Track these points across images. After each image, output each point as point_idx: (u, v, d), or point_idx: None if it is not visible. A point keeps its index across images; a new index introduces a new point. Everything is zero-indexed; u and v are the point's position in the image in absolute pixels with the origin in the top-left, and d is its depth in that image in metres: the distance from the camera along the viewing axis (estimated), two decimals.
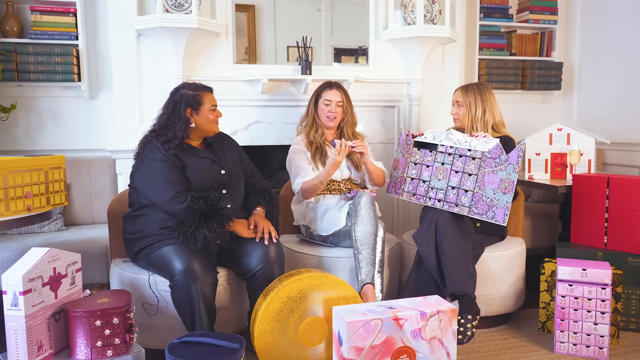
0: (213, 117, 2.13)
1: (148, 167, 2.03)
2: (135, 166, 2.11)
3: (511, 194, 2.17)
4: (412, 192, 2.48)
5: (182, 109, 2.07)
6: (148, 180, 2.03)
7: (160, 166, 2.01)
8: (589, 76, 3.75)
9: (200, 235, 1.92)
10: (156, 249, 2.00)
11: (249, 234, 2.11)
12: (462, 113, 2.56)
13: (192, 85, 2.15)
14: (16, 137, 3.05)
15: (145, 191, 2.04)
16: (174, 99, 2.11)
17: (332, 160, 2.34)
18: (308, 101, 2.65)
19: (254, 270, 2.05)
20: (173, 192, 1.97)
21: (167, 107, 2.12)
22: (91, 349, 1.66)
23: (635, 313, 2.41)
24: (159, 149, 2.03)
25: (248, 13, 3.05)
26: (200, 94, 2.11)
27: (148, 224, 2.05)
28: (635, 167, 3.34)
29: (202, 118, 2.11)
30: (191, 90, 2.11)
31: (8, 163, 1.86)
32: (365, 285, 2.20)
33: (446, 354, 1.79)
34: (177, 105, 2.09)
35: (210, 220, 1.94)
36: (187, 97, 2.09)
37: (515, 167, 2.17)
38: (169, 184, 1.99)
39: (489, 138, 2.33)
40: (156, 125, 2.13)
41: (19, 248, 2.44)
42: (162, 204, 1.99)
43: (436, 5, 3.15)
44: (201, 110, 2.10)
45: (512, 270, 2.45)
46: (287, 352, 1.92)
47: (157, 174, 2.01)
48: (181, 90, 2.12)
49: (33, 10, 2.90)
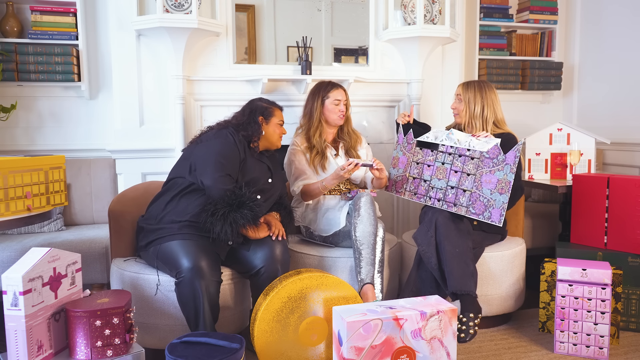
0: (279, 131, 2.35)
1: (215, 143, 2.15)
2: (201, 139, 2.23)
3: (507, 194, 2.17)
4: (413, 191, 2.49)
5: (257, 115, 2.29)
6: (208, 153, 2.13)
7: (227, 147, 2.14)
8: (589, 76, 3.75)
9: (230, 219, 1.97)
10: (167, 241, 2.03)
11: (265, 232, 2.15)
12: (461, 108, 2.57)
13: (266, 100, 2.39)
14: (16, 137, 3.05)
15: (199, 161, 2.13)
16: (250, 106, 2.34)
17: (336, 175, 2.35)
18: (306, 104, 2.63)
19: (258, 267, 2.07)
20: (223, 172, 2.08)
21: (244, 111, 2.34)
22: (91, 349, 1.66)
23: (635, 313, 2.41)
24: (233, 135, 2.18)
25: (248, 13, 3.05)
26: (272, 108, 2.35)
27: (173, 217, 2.09)
28: (635, 167, 3.34)
29: (271, 129, 2.32)
30: (265, 103, 2.36)
31: (8, 163, 1.86)
32: (365, 285, 2.20)
33: (446, 354, 1.79)
34: (253, 111, 2.31)
35: (244, 208, 2.00)
36: (261, 107, 2.33)
37: (512, 167, 2.18)
38: (224, 164, 2.10)
39: (489, 138, 2.33)
40: (234, 120, 2.31)
41: (19, 248, 2.44)
42: (207, 177, 2.08)
43: (436, 5, 3.15)
44: (271, 121, 2.32)
45: (512, 270, 2.45)
46: (287, 352, 1.92)
47: (220, 151, 2.12)
48: (257, 102, 2.36)
49: (33, 10, 2.90)
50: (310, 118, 2.58)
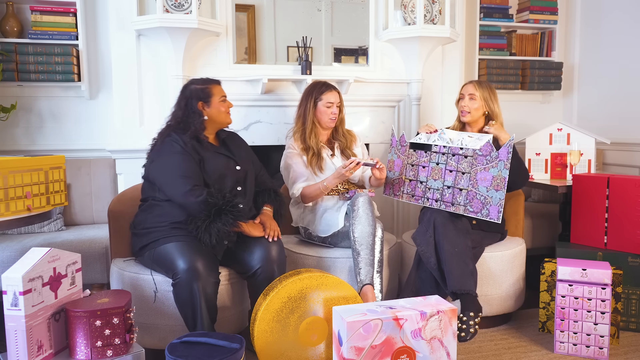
0: (224, 107, 2.20)
1: (166, 160, 2.06)
2: (152, 158, 2.13)
3: (503, 190, 2.17)
4: (410, 194, 2.49)
5: (194, 103, 2.14)
6: (165, 172, 2.06)
7: (179, 159, 2.05)
8: (589, 76, 3.74)
9: (214, 229, 1.94)
10: (162, 244, 2.01)
11: (259, 232, 2.14)
12: (474, 106, 2.53)
13: (199, 80, 2.22)
14: (16, 137, 3.05)
15: (161, 184, 2.07)
16: (184, 95, 2.19)
17: (337, 174, 2.34)
18: (299, 105, 2.60)
19: (255, 268, 2.06)
20: (189, 186, 2.00)
21: (179, 104, 2.19)
22: (91, 349, 1.66)
23: (635, 313, 2.41)
24: (177, 142, 2.08)
25: (248, 13, 3.05)
26: (208, 87, 2.18)
27: (159, 219, 2.06)
28: (635, 167, 3.34)
29: (214, 110, 2.17)
30: (199, 85, 2.18)
31: (8, 163, 1.86)
32: (364, 286, 2.20)
33: (446, 354, 1.79)
34: (189, 100, 2.15)
35: (226, 215, 1.96)
36: (196, 91, 2.16)
37: (506, 163, 2.18)
38: (186, 177, 2.02)
39: (481, 135, 2.33)
40: (172, 121, 2.18)
41: (19, 248, 2.44)
42: (177, 196, 2.01)
43: (436, 5, 3.15)
44: (212, 102, 2.17)
45: (512, 270, 2.45)
46: (287, 352, 1.92)
47: (175, 166, 2.04)
48: (190, 86, 2.19)
49: (33, 10, 2.90)
50: (305, 121, 2.56)
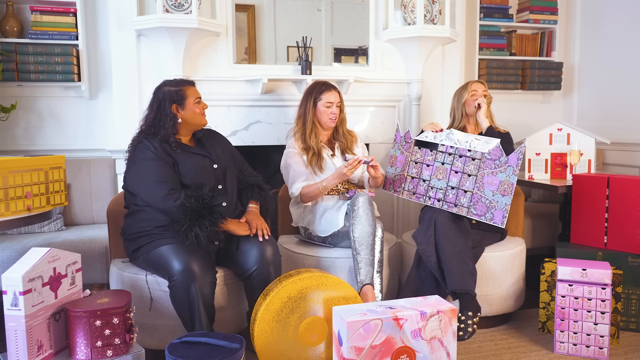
0: (199, 109, 2.14)
1: (139, 167, 2.04)
2: (127, 168, 2.11)
3: (510, 196, 2.17)
4: (412, 191, 2.49)
5: (167, 105, 2.09)
6: (140, 180, 2.04)
7: (152, 165, 2.02)
8: (589, 76, 3.74)
9: (192, 234, 1.92)
10: (154, 248, 2.00)
11: (244, 232, 2.10)
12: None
13: (173, 81, 2.16)
14: (16, 137, 3.05)
15: (138, 191, 2.05)
16: (157, 97, 2.13)
17: (338, 174, 2.34)
18: (300, 105, 2.59)
19: (251, 270, 2.05)
20: (166, 190, 1.98)
21: (152, 107, 2.14)
22: (91, 349, 1.66)
23: (635, 313, 2.41)
24: (148, 148, 2.04)
25: (248, 13, 3.05)
26: (182, 89, 2.12)
27: (143, 224, 2.05)
28: (635, 167, 3.34)
29: (188, 112, 2.12)
30: (173, 87, 2.12)
31: (8, 163, 1.86)
32: (364, 286, 2.20)
33: (446, 354, 1.79)
34: (162, 102, 2.10)
35: (203, 219, 1.93)
36: (170, 93, 2.10)
37: (515, 169, 2.17)
38: (161, 182, 1.99)
39: (489, 138, 2.33)
40: (144, 125, 2.14)
41: (19, 248, 2.44)
42: (155, 202, 2.00)
43: (436, 5, 3.15)
44: (186, 104, 2.11)
45: (512, 270, 2.45)
46: (287, 352, 1.92)
47: (149, 173, 2.01)
48: (163, 88, 2.13)
49: (33, 10, 2.90)
50: (305, 121, 2.55)
